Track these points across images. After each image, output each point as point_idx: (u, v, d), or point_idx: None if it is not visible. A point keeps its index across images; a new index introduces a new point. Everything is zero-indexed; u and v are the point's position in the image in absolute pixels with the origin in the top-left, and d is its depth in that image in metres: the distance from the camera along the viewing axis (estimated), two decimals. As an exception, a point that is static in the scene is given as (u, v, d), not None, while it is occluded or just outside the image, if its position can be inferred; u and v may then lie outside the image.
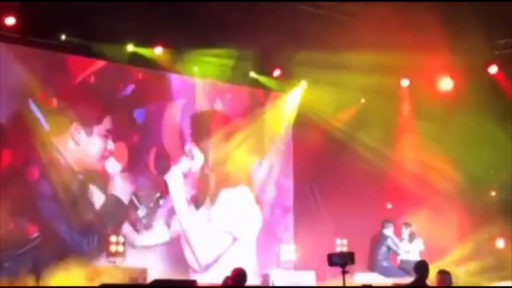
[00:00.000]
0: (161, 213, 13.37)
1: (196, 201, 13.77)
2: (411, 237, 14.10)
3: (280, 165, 15.31)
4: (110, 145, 12.74)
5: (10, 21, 11.41)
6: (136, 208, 13.02)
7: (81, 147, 12.43)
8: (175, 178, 13.48)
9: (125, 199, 12.94)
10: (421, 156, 15.28)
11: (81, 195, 12.39)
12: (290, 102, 15.22)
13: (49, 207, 11.94)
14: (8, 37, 11.61)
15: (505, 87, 14.44)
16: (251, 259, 14.19)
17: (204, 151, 13.94)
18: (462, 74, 14.21)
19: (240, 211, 14.25)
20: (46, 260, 11.54)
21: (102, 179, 12.73)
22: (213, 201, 13.98)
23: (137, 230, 12.98)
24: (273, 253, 14.62)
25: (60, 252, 11.85)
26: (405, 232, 14.16)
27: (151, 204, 13.25)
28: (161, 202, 13.37)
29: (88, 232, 12.36)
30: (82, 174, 12.45)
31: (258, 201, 14.69)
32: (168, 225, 13.39)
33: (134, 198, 12.98)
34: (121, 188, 12.88)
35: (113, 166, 12.80)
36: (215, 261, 13.69)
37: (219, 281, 9.50)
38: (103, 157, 12.68)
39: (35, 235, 11.73)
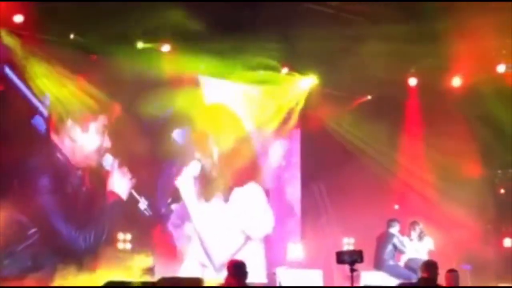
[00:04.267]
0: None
1: (206, 196, 13.69)
2: (421, 235, 14.05)
3: (287, 163, 15.29)
4: (106, 142, 12.57)
5: (18, 19, 11.42)
6: (137, 202, 12.86)
7: (77, 143, 12.30)
8: (186, 181, 13.36)
9: (124, 194, 12.76)
10: (428, 157, 15.27)
11: (79, 190, 12.29)
12: (295, 96, 15.06)
13: (47, 203, 11.80)
14: (16, 35, 11.59)
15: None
16: (261, 258, 14.16)
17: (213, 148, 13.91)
18: (471, 73, 14.19)
19: (252, 209, 14.14)
20: (45, 257, 11.53)
21: (100, 175, 12.58)
22: (226, 199, 13.91)
23: None
24: (280, 252, 14.60)
25: (58, 248, 11.77)
26: (414, 231, 14.13)
27: (163, 210, 13.24)
28: (173, 207, 13.35)
29: (85, 229, 12.20)
30: (79, 169, 12.32)
31: (268, 199, 14.60)
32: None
33: (133, 192, 12.82)
34: (120, 183, 12.70)
35: (110, 162, 12.63)
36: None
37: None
38: (99, 154, 12.53)
39: (32, 231, 11.58)
